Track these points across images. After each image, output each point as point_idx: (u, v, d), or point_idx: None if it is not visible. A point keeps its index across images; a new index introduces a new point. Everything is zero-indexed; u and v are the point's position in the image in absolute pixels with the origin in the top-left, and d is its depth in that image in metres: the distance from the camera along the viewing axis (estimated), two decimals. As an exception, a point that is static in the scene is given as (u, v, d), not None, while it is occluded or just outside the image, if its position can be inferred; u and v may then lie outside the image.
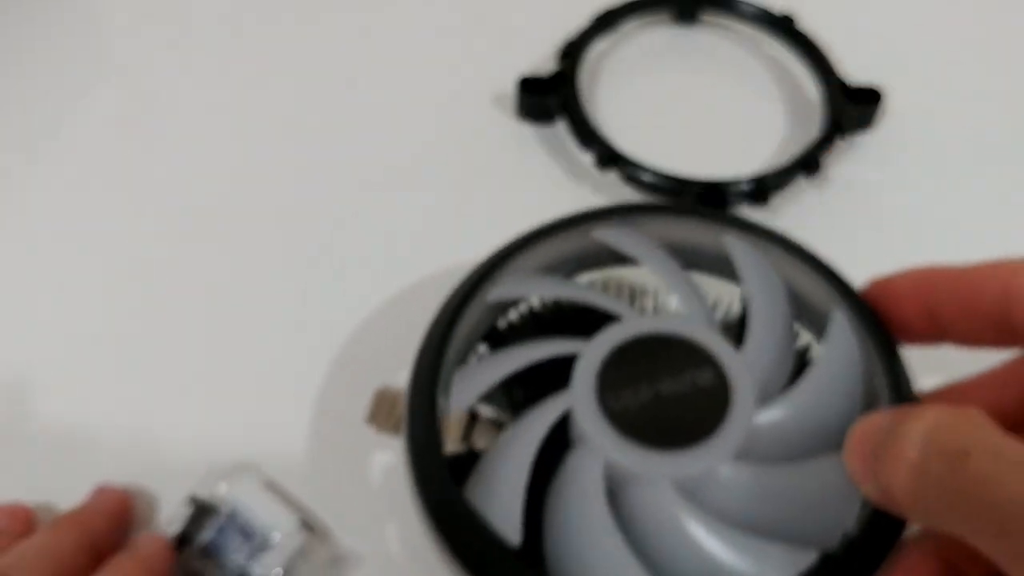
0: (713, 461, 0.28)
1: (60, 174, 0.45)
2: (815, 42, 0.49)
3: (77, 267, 0.42)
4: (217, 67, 0.49)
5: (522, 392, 0.32)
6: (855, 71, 0.49)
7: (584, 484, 0.28)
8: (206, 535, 0.33)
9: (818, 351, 0.32)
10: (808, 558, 0.27)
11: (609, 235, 0.33)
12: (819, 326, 0.32)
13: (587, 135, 0.45)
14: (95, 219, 0.43)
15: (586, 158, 0.45)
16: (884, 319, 0.30)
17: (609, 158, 0.44)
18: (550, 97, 0.46)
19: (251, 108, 0.48)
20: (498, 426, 0.31)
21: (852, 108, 0.47)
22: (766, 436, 0.29)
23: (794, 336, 0.33)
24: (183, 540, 0.33)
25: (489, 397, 0.33)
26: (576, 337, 0.31)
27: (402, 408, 0.31)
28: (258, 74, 0.49)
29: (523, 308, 0.35)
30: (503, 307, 0.34)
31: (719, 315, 0.35)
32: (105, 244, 0.43)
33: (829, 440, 0.30)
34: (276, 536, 0.33)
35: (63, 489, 0.35)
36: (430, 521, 0.28)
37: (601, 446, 0.28)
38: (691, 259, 0.35)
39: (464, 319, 0.31)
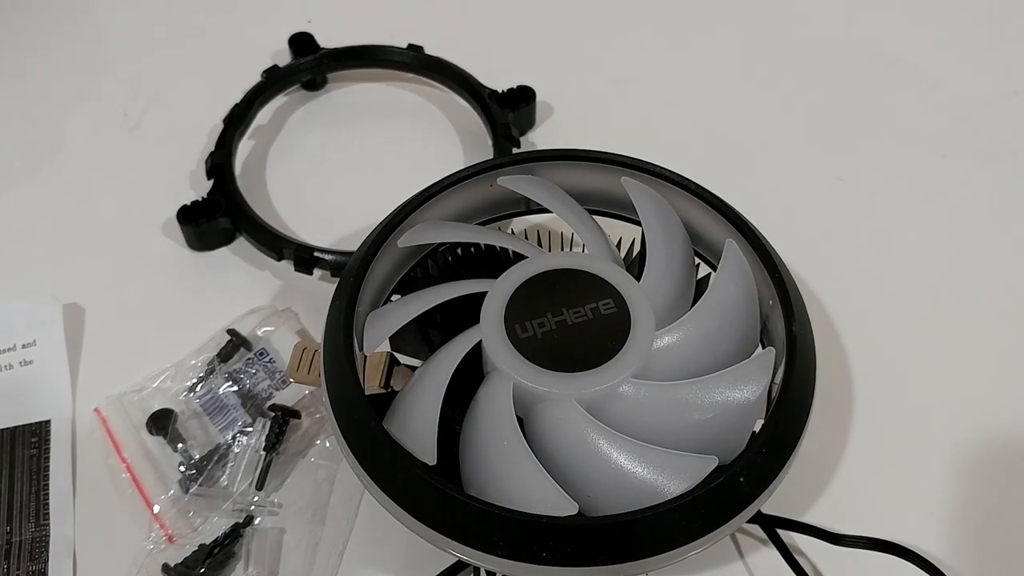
0: (615, 381, 0.30)
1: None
2: (447, 61, 0.47)
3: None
4: None
5: (440, 337, 0.34)
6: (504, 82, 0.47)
7: (494, 407, 0.29)
8: (234, 364, 0.38)
9: (713, 278, 0.34)
10: (707, 465, 0.28)
11: (512, 182, 0.35)
12: (716, 256, 0.34)
13: (273, 245, 0.41)
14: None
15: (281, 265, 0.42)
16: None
17: (308, 260, 0.41)
18: (217, 220, 0.42)
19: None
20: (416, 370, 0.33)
21: (511, 113, 0.46)
22: (666, 357, 0.31)
23: (694, 266, 0.35)
24: None
25: (408, 345, 0.35)
26: (486, 278, 0.33)
27: (320, 361, 0.32)
28: None
29: (435, 258, 0.36)
30: (415, 258, 0.36)
31: (622, 252, 0.36)
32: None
33: (727, 358, 0.31)
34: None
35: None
36: (352, 452, 0.29)
37: (509, 372, 0.30)
38: (596, 203, 0.36)
39: (376, 267, 0.33)
